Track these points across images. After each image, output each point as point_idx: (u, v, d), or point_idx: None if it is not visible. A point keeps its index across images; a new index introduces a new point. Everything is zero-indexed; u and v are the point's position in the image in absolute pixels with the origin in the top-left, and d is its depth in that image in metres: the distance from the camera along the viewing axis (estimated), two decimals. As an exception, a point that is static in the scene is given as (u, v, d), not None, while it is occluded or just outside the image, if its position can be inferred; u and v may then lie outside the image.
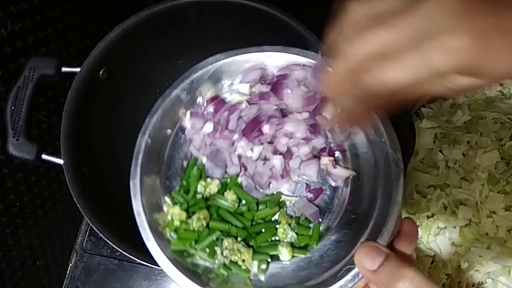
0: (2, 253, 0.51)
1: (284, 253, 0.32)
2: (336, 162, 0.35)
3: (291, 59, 0.35)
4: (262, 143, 0.35)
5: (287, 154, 0.35)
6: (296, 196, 0.36)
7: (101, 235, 0.46)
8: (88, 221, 0.46)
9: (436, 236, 0.55)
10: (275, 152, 0.35)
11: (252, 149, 0.35)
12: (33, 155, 0.45)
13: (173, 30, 0.55)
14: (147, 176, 0.34)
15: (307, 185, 0.36)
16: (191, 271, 0.31)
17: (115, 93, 0.56)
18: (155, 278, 0.63)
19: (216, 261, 0.32)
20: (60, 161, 0.46)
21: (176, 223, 0.33)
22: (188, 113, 0.36)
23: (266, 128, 0.34)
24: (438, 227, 0.55)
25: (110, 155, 0.57)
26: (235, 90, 0.36)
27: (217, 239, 0.33)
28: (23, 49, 0.48)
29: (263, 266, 0.33)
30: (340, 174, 0.35)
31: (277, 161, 0.34)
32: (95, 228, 0.46)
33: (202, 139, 0.36)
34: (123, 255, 0.47)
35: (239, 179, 0.36)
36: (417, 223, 0.56)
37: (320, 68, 0.32)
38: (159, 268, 0.47)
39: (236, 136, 0.35)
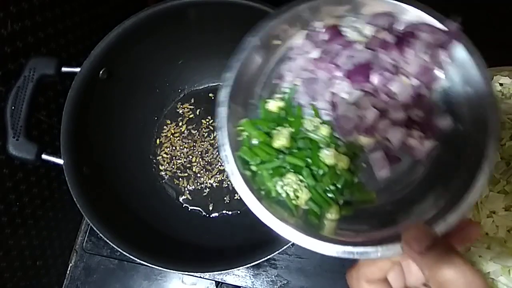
0: (2, 253, 0.51)
1: (333, 212, 0.31)
2: (423, 138, 0.33)
3: (423, 17, 0.32)
4: (363, 91, 0.33)
5: (381, 113, 0.33)
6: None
7: (101, 235, 0.46)
8: (88, 221, 0.46)
9: (436, 236, 0.55)
10: (371, 105, 0.33)
11: (350, 93, 0.33)
12: (33, 155, 0.45)
13: (173, 30, 0.55)
14: (247, 69, 0.33)
15: (387, 148, 0.33)
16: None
17: (115, 93, 0.56)
18: (155, 278, 0.63)
19: (273, 187, 0.32)
20: (60, 161, 0.46)
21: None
22: (305, 32, 0.35)
23: (374, 79, 0.32)
24: (438, 227, 0.55)
25: (110, 155, 0.57)
26: (357, 28, 0.34)
27: (283, 167, 0.32)
28: (23, 49, 0.48)
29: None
30: (424, 150, 0.32)
31: (370, 114, 0.32)
32: (95, 228, 0.46)
33: (305, 62, 0.35)
34: (123, 255, 0.47)
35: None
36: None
37: (451, 35, 0.31)
38: (159, 268, 0.47)
39: (338, 73, 0.33)
